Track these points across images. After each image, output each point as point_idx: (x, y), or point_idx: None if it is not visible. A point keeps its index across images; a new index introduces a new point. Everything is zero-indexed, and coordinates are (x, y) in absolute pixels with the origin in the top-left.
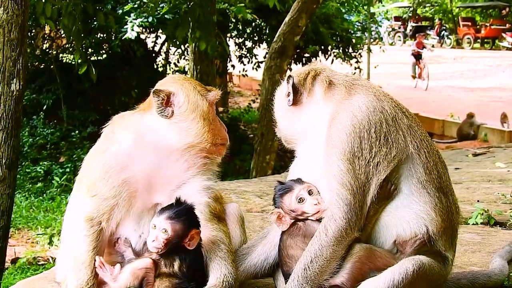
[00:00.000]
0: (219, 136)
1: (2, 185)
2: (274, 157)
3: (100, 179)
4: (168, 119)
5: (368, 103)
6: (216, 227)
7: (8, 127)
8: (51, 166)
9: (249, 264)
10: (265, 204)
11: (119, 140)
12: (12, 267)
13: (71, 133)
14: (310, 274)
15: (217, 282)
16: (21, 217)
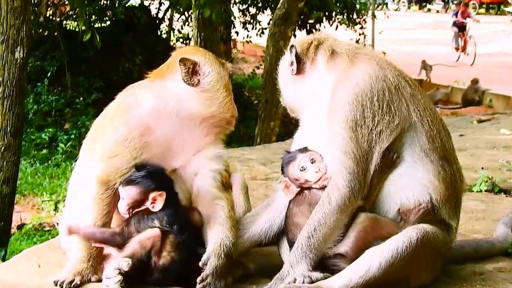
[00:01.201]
0: (233, 106)
1: (7, 152)
2: (278, 123)
3: (123, 140)
4: (194, 87)
5: (371, 71)
6: (219, 195)
7: (13, 95)
8: (56, 133)
9: (253, 232)
10: (269, 171)
11: (142, 104)
12: (18, 233)
13: (76, 100)
14: (313, 242)
15: (214, 247)
16: (26, 183)
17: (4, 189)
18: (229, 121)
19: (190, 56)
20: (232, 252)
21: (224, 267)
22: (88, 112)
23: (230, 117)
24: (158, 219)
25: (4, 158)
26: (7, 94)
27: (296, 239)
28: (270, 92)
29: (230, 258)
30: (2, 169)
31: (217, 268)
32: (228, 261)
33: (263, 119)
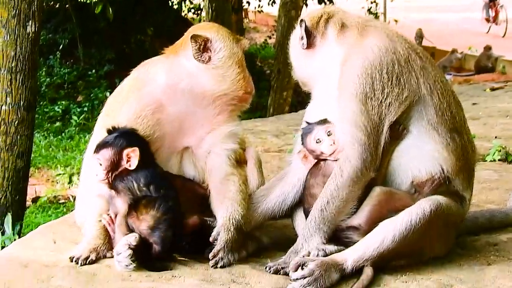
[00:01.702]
0: (248, 84)
1: (21, 126)
2: (291, 93)
3: (135, 117)
4: (205, 64)
5: (380, 44)
6: (232, 171)
7: (25, 69)
8: (69, 105)
9: (267, 205)
10: (282, 144)
11: (156, 80)
12: (33, 206)
13: (88, 72)
14: (326, 215)
15: (223, 221)
16: (40, 156)
17: (19, 163)
18: (243, 98)
19: (202, 32)
20: (242, 225)
21: (236, 241)
22: (101, 84)
23: (243, 95)
24: (135, 179)
25: (17, 132)
26: (19, 68)
27: (310, 211)
28: (282, 62)
29: (241, 232)
30: (16, 143)
31: (228, 242)
32: (239, 234)
33: (276, 89)
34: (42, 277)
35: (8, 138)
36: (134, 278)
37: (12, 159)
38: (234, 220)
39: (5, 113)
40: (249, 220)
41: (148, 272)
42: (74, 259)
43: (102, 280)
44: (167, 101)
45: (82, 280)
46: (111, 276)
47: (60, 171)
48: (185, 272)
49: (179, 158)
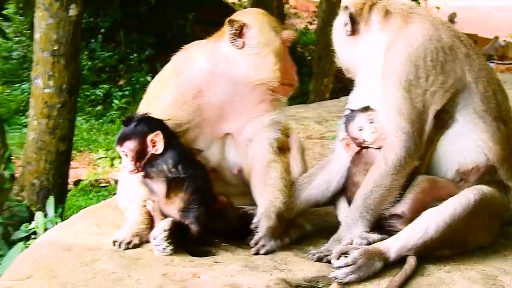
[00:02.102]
0: (289, 76)
1: (63, 110)
2: (332, 80)
3: (175, 103)
4: (239, 49)
5: (424, 31)
6: (274, 159)
7: (67, 52)
8: (110, 89)
9: (310, 193)
10: (325, 130)
11: (195, 65)
12: (75, 189)
13: (129, 56)
14: (370, 203)
15: (264, 208)
16: (82, 139)
17: (61, 147)
18: (281, 89)
19: (240, 17)
20: (283, 212)
21: (277, 228)
22: (142, 69)
23: (282, 86)
24: (164, 162)
25: (60, 116)
26: (62, 51)
27: (353, 200)
28: (323, 48)
29: (283, 219)
30: (58, 126)
31: (269, 230)
32: (281, 222)
33: (317, 76)
34: (86, 260)
35: (51, 121)
36: (177, 263)
37: (54, 142)
38: (275, 208)
39: (48, 96)
40: (291, 207)
41: (190, 258)
42: (117, 243)
43: (145, 265)
44: (206, 87)
45: (125, 264)
46: (154, 260)
47: (102, 155)
48: (227, 258)
49: (221, 144)
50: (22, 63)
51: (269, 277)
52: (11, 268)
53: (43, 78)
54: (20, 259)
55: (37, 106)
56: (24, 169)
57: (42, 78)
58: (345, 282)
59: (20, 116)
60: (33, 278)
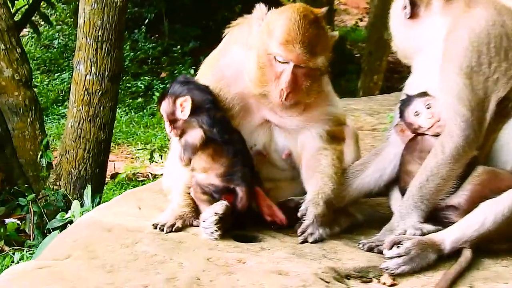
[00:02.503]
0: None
1: (104, 98)
2: (382, 77)
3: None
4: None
5: (488, 17)
6: (324, 146)
7: (112, 38)
8: (152, 81)
9: (362, 181)
10: (376, 122)
11: (231, 53)
12: (112, 182)
13: (173, 48)
14: (425, 192)
15: (312, 195)
16: (121, 132)
17: (100, 135)
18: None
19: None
20: (332, 200)
21: (325, 215)
22: (185, 61)
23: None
24: (197, 121)
25: (101, 103)
26: (106, 37)
27: (408, 189)
28: (374, 44)
29: (331, 207)
30: (98, 114)
31: (317, 217)
32: (329, 209)
33: (366, 72)
34: (127, 242)
35: (91, 109)
36: (222, 247)
37: (94, 131)
38: (324, 195)
39: (89, 83)
40: (341, 195)
41: (236, 243)
42: (159, 226)
43: (188, 248)
44: (241, 75)
45: (168, 247)
46: (198, 244)
47: (140, 148)
48: (274, 244)
49: (265, 128)
50: (63, 52)
51: (318, 265)
52: (49, 248)
53: (85, 64)
54: (59, 238)
55: (77, 92)
56: (61, 157)
57: (84, 64)
58: (397, 273)
59: (58, 106)
60: (72, 257)
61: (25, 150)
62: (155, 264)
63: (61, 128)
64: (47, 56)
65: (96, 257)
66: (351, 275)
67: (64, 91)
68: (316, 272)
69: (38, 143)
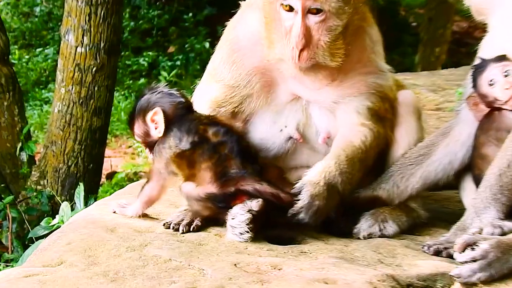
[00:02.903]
0: None
1: (99, 75)
2: (445, 49)
3: (223, 63)
4: None
5: None
6: (363, 122)
7: (108, 1)
8: (157, 58)
9: (427, 169)
10: (441, 100)
11: (247, 18)
12: (108, 183)
13: (183, 16)
14: (506, 182)
15: (314, 173)
16: (119, 121)
17: (95, 122)
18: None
19: None
20: (339, 185)
21: (324, 199)
22: (199, 32)
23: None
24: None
25: (95, 82)
26: (101, 0)
27: (483, 177)
28: (435, 8)
29: (335, 193)
30: (93, 96)
31: (313, 199)
32: (332, 195)
33: (426, 43)
34: (134, 244)
35: (83, 89)
36: (252, 251)
37: (86, 116)
38: (329, 175)
39: (81, 56)
40: (353, 182)
41: (269, 245)
42: (172, 224)
43: (211, 252)
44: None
45: (184, 250)
46: (222, 247)
47: None
48: (317, 247)
49: (295, 105)
50: (46, 21)
51: (372, 272)
52: (37, 252)
53: (75, 33)
54: (49, 241)
55: (66, 69)
56: (46, 150)
57: (74, 34)
58: (471, 281)
59: (41, 89)
60: (66, 263)
61: (0, 141)
62: (169, 271)
63: (44, 116)
64: (27, 26)
65: (96, 263)
66: (414, 284)
67: (48, 70)
68: (370, 281)
69: (16, 133)
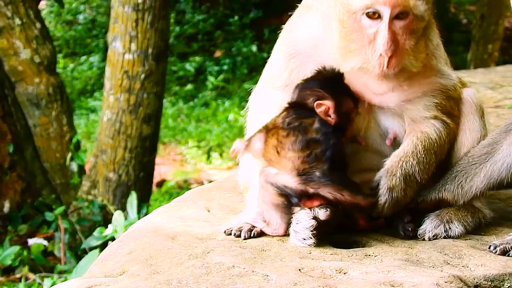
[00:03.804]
0: None
1: (148, 81)
2: (498, 46)
3: (279, 68)
4: None
5: None
6: (436, 115)
7: (155, 6)
8: (204, 63)
9: (492, 167)
10: (500, 97)
11: (306, 22)
12: (157, 191)
13: (229, 20)
14: None
15: (391, 164)
16: (167, 128)
17: (145, 130)
18: None
19: None
20: (417, 175)
21: (403, 191)
22: (245, 36)
23: None
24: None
25: (144, 89)
26: (147, 4)
27: None
28: (488, 5)
29: (413, 183)
30: (141, 103)
31: (392, 190)
32: (410, 186)
33: (478, 41)
34: (196, 252)
35: (132, 96)
36: (316, 255)
37: (136, 124)
38: (406, 164)
39: (129, 63)
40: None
41: (334, 249)
42: (233, 231)
43: (274, 257)
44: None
45: (248, 256)
46: (285, 252)
47: (193, 148)
48: (382, 250)
49: (363, 111)
50: (90, 29)
51: (439, 273)
52: (98, 262)
53: (122, 40)
54: (109, 250)
55: (114, 76)
56: (96, 159)
57: (121, 40)
58: None
59: (87, 98)
60: (128, 273)
61: (50, 151)
62: (233, 278)
63: (91, 125)
64: (70, 35)
65: (158, 272)
66: (482, 285)
67: (94, 78)
68: (437, 282)
69: (66, 143)
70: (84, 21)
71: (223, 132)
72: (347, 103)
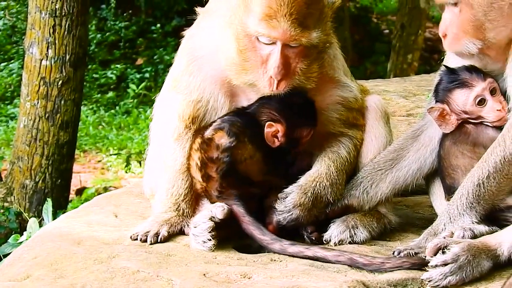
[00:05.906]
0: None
1: (66, 88)
2: (418, 57)
3: (182, 74)
4: None
5: None
6: (345, 132)
7: (73, 12)
8: (126, 70)
9: (397, 174)
10: (412, 106)
11: (206, 27)
12: (77, 199)
13: (151, 27)
14: (483, 192)
15: (304, 181)
16: (87, 135)
17: (62, 137)
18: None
19: None
20: (325, 196)
21: (306, 210)
22: (168, 43)
23: None
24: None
25: (62, 96)
26: (66, 11)
27: (457, 185)
28: (408, 14)
29: (318, 204)
30: (59, 109)
31: (295, 207)
32: (315, 205)
33: (398, 51)
34: (101, 256)
35: (49, 103)
36: (221, 260)
37: (53, 131)
38: (319, 185)
39: (46, 70)
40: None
41: (239, 254)
42: (139, 236)
43: (179, 262)
44: (216, 58)
45: (153, 261)
46: (191, 257)
47: (113, 153)
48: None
49: None
50: (10, 35)
51: (343, 278)
52: (4, 267)
53: (40, 46)
54: (15, 255)
55: (31, 83)
56: (13, 166)
57: (38, 46)
58: (442, 285)
59: (6, 105)
60: (32, 278)
61: None
62: (137, 283)
63: (10, 132)
64: None
65: (63, 276)
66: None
67: (14, 85)
68: (341, 287)
69: None
70: (4, 27)
71: (145, 140)
72: (299, 131)
